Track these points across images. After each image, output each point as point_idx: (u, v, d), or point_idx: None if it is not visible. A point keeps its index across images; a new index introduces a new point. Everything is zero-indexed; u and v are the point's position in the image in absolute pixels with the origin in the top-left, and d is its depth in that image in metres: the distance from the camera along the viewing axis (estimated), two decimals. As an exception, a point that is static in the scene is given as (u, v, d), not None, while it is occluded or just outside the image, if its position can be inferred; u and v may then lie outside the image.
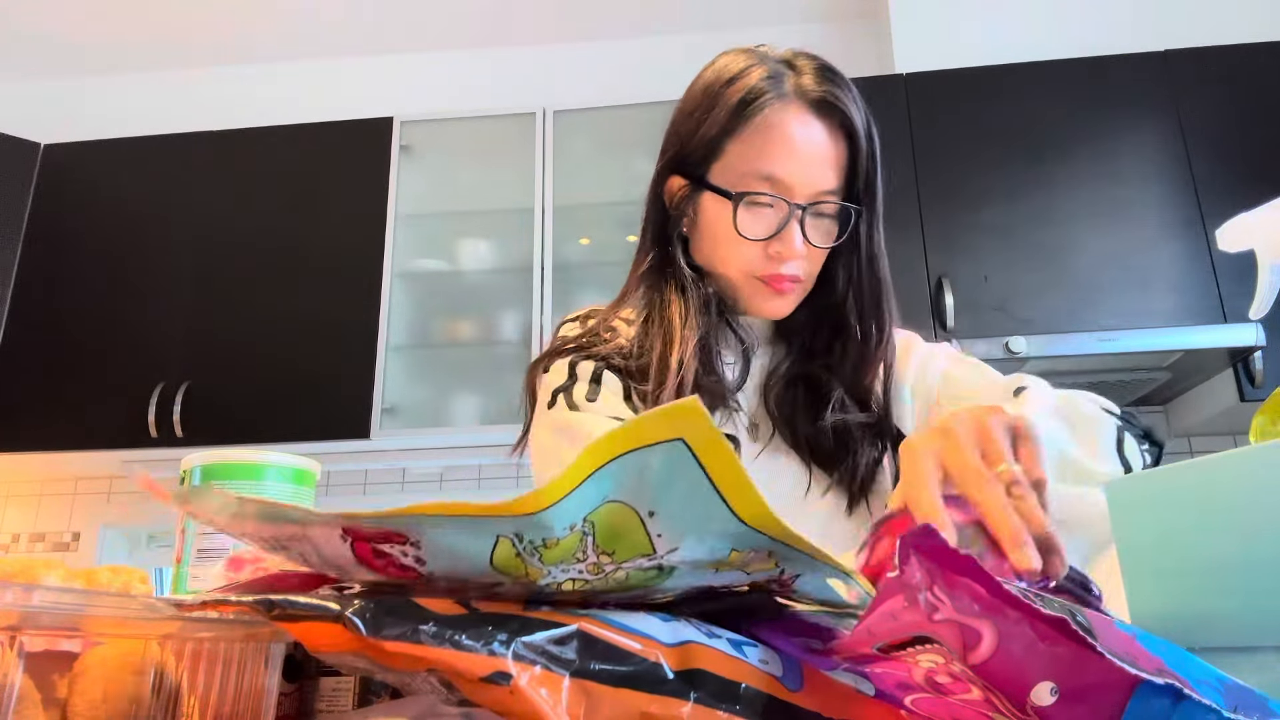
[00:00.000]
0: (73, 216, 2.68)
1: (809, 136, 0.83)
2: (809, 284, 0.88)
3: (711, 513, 0.33)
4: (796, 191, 0.83)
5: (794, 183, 0.83)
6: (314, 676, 0.49)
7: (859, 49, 2.90)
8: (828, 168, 0.84)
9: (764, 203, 0.83)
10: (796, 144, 0.83)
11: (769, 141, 0.83)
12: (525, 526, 0.32)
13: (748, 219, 0.84)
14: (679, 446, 0.31)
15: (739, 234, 0.83)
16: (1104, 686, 0.26)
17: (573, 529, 0.32)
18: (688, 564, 0.36)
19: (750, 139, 0.83)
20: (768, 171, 0.83)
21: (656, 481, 0.32)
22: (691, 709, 0.32)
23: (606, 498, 0.32)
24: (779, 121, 0.83)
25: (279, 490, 0.68)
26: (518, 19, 2.98)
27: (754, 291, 0.87)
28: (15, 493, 2.82)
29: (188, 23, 2.97)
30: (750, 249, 0.84)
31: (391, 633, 0.30)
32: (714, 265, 0.89)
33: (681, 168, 0.89)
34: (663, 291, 0.89)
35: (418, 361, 2.56)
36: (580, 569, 0.34)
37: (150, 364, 2.50)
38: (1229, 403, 2.19)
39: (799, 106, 0.83)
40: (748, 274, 0.86)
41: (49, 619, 0.34)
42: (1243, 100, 2.32)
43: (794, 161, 0.82)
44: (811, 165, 0.83)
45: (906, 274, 2.28)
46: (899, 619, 0.30)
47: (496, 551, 0.33)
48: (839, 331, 0.89)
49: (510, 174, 2.59)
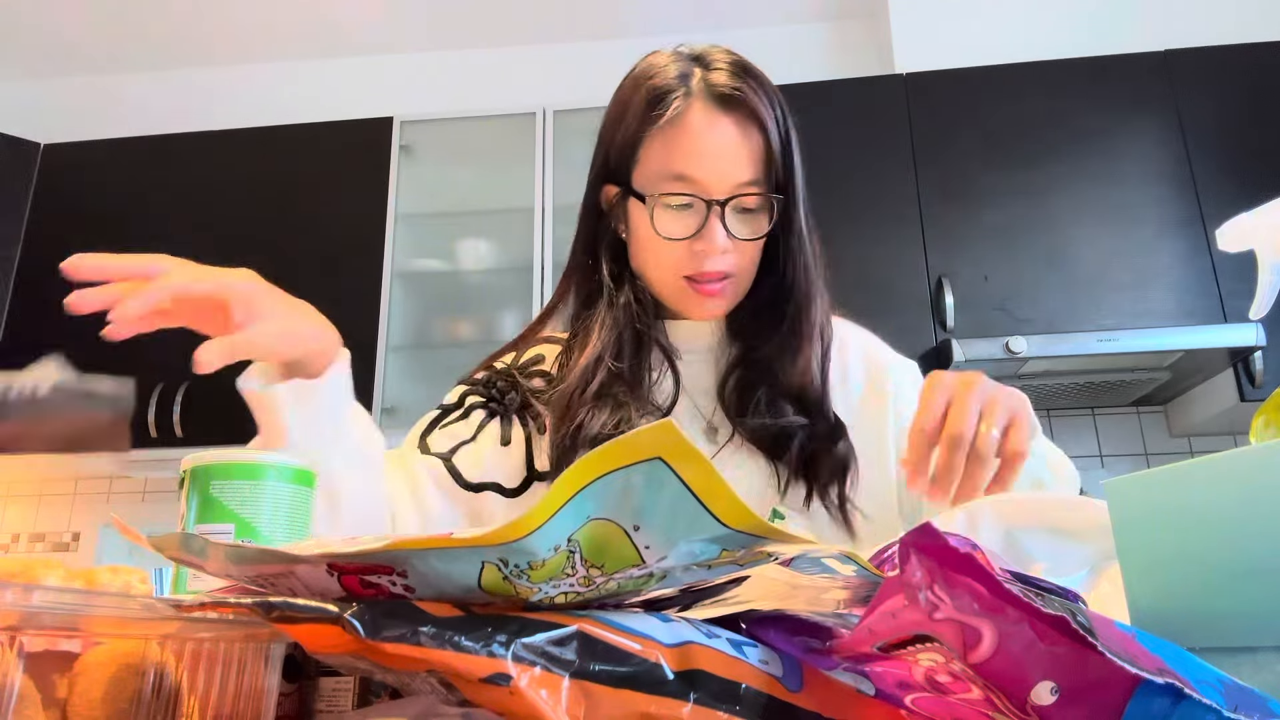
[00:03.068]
0: (73, 216, 2.68)
1: (717, 132, 0.82)
2: (743, 279, 0.88)
3: (696, 522, 0.33)
4: (712, 187, 0.82)
5: (708, 179, 0.82)
6: (313, 677, 0.49)
7: (859, 49, 2.90)
8: (741, 161, 0.83)
9: (681, 203, 0.83)
10: (705, 140, 0.82)
11: (678, 140, 0.83)
12: (508, 552, 0.32)
13: (667, 220, 0.83)
14: (658, 464, 0.31)
15: (659, 235, 0.83)
16: (1104, 686, 0.26)
17: (557, 549, 0.33)
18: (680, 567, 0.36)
19: (661, 139, 0.83)
20: (679, 170, 0.82)
21: (639, 498, 0.32)
22: (691, 710, 0.32)
23: (589, 517, 0.32)
24: (686, 119, 0.82)
25: (279, 490, 0.68)
26: (518, 19, 2.98)
27: (684, 295, 0.87)
28: (15, 493, 2.82)
29: (188, 23, 2.97)
30: (675, 250, 0.84)
31: (390, 634, 0.30)
32: (646, 271, 0.89)
33: (610, 175, 0.89)
34: (590, 305, 0.91)
35: (418, 361, 2.56)
36: (571, 583, 0.34)
37: (150, 364, 2.49)
38: (1229, 403, 2.19)
39: (705, 103, 0.83)
40: (675, 275, 0.86)
41: (49, 619, 0.34)
42: (1243, 100, 2.32)
43: (704, 158, 0.82)
44: (722, 160, 0.82)
45: (906, 274, 2.29)
46: (899, 618, 0.30)
47: (484, 576, 0.33)
48: (775, 323, 0.90)
49: (510, 174, 2.59)
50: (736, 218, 0.84)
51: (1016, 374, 2.19)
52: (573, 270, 0.95)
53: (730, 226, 0.83)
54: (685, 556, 0.35)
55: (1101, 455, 2.46)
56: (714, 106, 0.83)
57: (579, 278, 0.93)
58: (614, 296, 0.89)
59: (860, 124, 2.44)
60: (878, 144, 2.40)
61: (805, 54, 2.94)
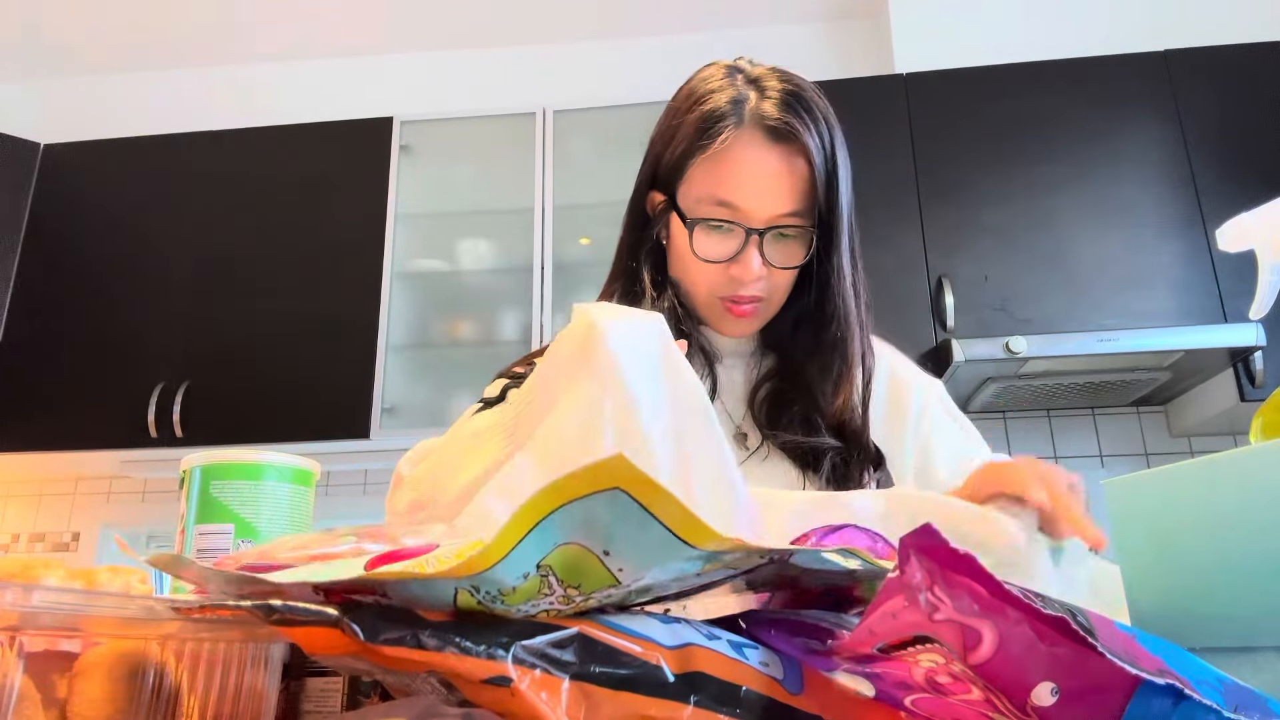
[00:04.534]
0: (73, 216, 2.68)
1: (764, 163, 0.83)
2: (775, 303, 0.90)
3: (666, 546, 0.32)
4: (753, 216, 0.84)
5: (749, 208, 0.83)
6: (300, 677, 0.49)
7: (859, 49, 2.90)
8: (784, 193, 0.84)
9: (721, 228, 0.85)
10: (751, 171, 0.83)
11: (724, 168, 0.84)
12: (478, 581, 0.32)
13: (705, 242, 0.85)
14: (618, 494, 0.31)
15: (696, 256, 0.85)
16: (1104, 686, 0.26)
17: (527, 577, 0.32)
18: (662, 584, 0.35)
19: (708, 164, 0.84)
20: (723, 197, 0.84)
21: (604, 525, 0.32)
22: (692, 712, 0.32)
23: (557, 543, 0.32)
24: (735, 149, 0.83)
25: (279, 490, 0.68)
26: (518, 19, 2.98)
27: (716, 312, 0.89)
28: (15, 493, 2.82)
29: (188, 22, 2.97)
30: (711, 270, 0.86)
31: (390, 637, 0.30)
32: (683, 281, 0.91)
33: (657, 183, 0.91)
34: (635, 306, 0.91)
35: (418, 361, 2.56)
36: (550, 601, 0.34)
37: (150, 364, 2.50)
38: (1229, 403, 2.19)
39: (755, 133, 0.84)
40: (710, 294, 0.88)
41: (49, 619, 0.34)
42: (1243, 100, 2.32)
43: (749, 188, 0.83)
44: (766, 192, 0.83)
45: (906, 274, 2.29)
46: (899, 618, 0.30)
47: (458, 599, 0.33)
48: (814, 348, 0.90)
49: (510, 174, 2.58)
50: (774, 246, 0.85)
51: (1017, 374, 2.19)
52: (618, 274, 0.96)
53: (767, 255, 0.84)
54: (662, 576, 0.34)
55: (1101, 455, 2.46)
56: (763, 137, 0.84)
57: (624, 281, 0.95)
58: (656, 301, 0.91)
59: (860, 124, 2.43)
60: (878, 144, 2.40)
61: (805, 54, 2.94)
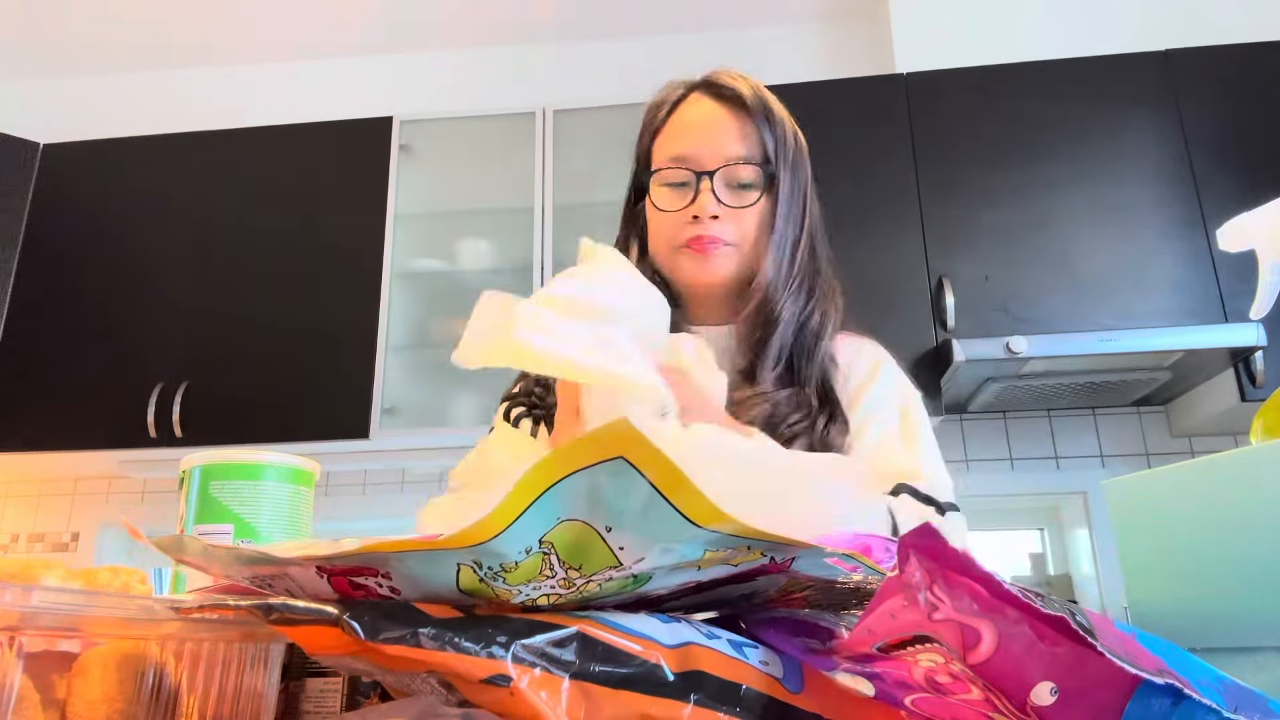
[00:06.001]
0: (73, 216, 2.68)
1: (712, 114, 0.92)
2: (746, 249, 0.91)
3: (669, 522, 0.32)
4: (704, 161, 0.90)
5: (699, 154, 0.90)
6: (300, 677, 0.49)
7: (859, 49, 2.90)
8: (732, 137, 0.90)
9: (678, 179, 0.91)
10: (698, 123, 0.92)
11: (676, 129, 0.94)
12: (479, 554, 0.32)
13: (665, 195, 0.92)
14: (622, 464, 0.31)
15: (659, 209, 0.92)
16: (1104, 686, 0.26)
17: (529, 552, 0.32)
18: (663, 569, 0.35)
19: (664, 135, 0.95)
20: (676, 152, 0.92)
21: (608, 499, 0.31)
22: (692, 711, 0.32)
23: (560, 519, 0.32)
24: (683, 110, 0.94)
25: (278, 490, 0.68)
26: (518, 19, 2.97)
27: (681, 261, 0.92)
28: (15, 493, 2.82)
29: (188, 23, 2.97)
30: (674, 220, 0.91)
31: (390, 636, 0.30)
32: (656, 256, 0.95)
33: (636, 188, 0.98)
34: None
35: (417, 361, 2.56)
36: (551, 584, 0.34)
37: (150, 364, 2.49)
38: (1229, 403, 2.19)
39: (702, 96, 0.94)
40: (674, 245, 0.92)
41: (48, 619, 0.34)
42: (1243, 100, 2.32)
43: (696, 135, 0.91)
44: (712, 136, 0.90)
45: (906, 274, 2.29)
46: (899, 618, 0.30)
47: (461, 578, 0.33)
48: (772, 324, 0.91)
49: (510, 174, 2.58)
50: (728, 189, 0.90)
51: (1017, 374, 2.19)
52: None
53: (720, 195, 0.89)
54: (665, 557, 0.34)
55: (1102, 455, 2.46)
56: (709, 98, 0.93)
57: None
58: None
59: (860, 124, 2.43)
60: (878, 144, 2.40)
61: (805, 54, 2.94)
